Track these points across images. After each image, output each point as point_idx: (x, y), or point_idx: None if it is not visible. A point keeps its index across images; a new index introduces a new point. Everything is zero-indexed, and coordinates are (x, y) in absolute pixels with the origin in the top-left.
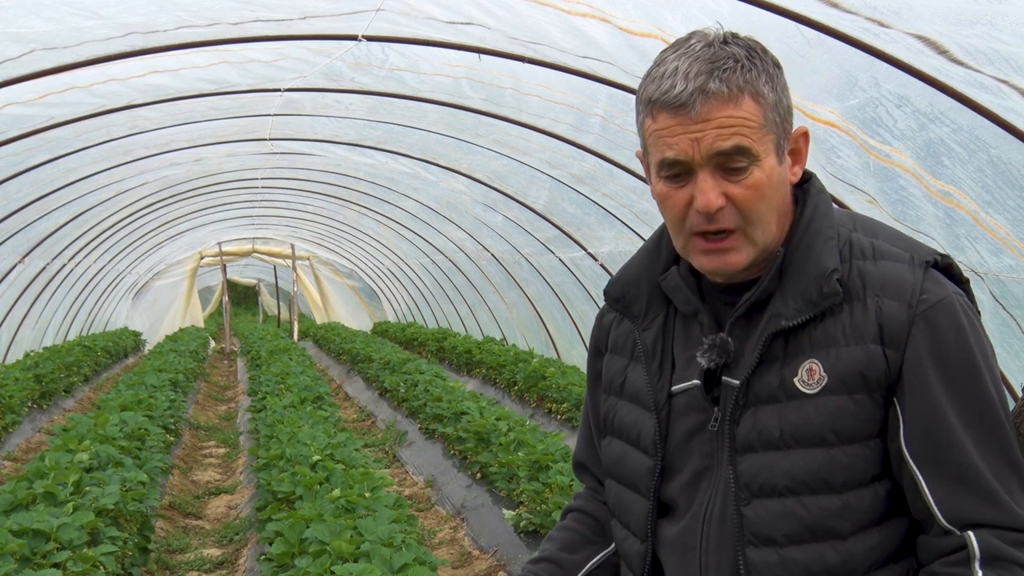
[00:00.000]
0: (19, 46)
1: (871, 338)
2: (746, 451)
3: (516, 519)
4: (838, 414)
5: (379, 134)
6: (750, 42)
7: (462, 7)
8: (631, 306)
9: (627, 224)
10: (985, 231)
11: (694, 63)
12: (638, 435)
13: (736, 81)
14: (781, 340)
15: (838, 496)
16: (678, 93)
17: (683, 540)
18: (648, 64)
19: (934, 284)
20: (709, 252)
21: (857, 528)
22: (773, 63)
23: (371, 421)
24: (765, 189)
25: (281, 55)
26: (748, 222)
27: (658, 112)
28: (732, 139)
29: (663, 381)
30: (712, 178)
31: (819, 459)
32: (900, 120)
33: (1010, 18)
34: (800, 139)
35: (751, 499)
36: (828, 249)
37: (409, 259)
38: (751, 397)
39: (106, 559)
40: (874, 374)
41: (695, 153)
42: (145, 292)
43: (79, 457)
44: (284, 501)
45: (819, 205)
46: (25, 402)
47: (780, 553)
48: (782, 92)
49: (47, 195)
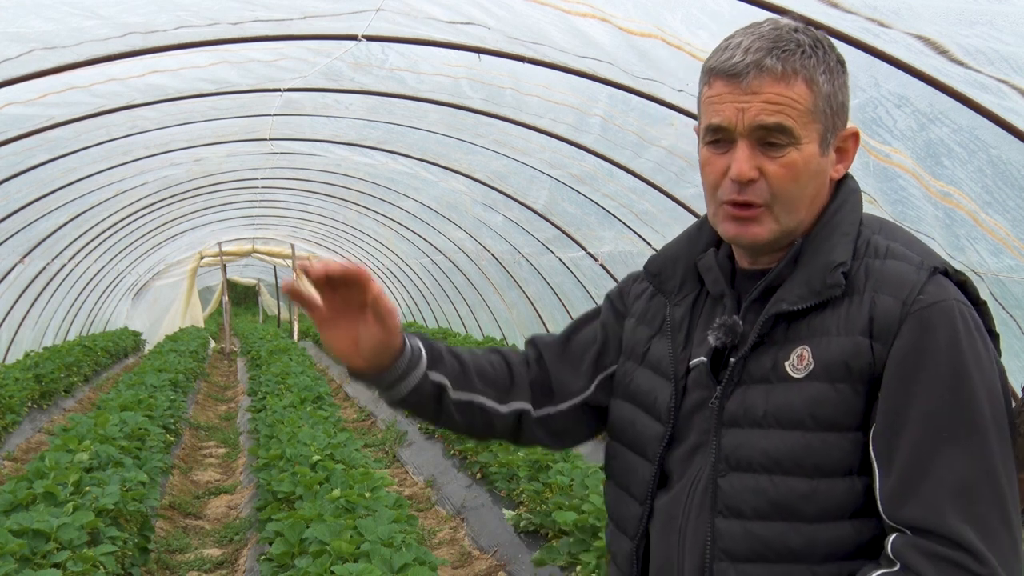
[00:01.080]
0: (19, 46)
1: (860, 330)
2: (732, 425)
3: (516, 519)
4: (818, 400)
5: (379, 134)
6: (819, 35)
7: (462, 7)
8: (666, 282)
9: (627, 224)
10: (985, 231)
11: (757, 40)
12: (653, 401)
13: (793, 63)
14: (783, 325)
15: (808, 480)
16: (735, 63)
17: (669, 509)
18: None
19: (936, 287)
20: (735, 219)
21: (823, 515)
22: (837, 59)
23: (371, 421)
24: (800, 172)
25: (281, 55)
26: (776, 200)
27: (714, 79)
28: (776, 116)
29: (685, 354)
30: (750, 149)
31: (794, 441)
32: (900, 120)
33: (1010, 18)
34: (850, 139)
35: (728, 471)
36: (842, 243)
37: (409, 259)
38: (745, 375)
39: (106, 559)
40: (857, 365)
41: (738, 122)
42: (145, 292)
43: (79, 457)
44: (284, 501)
45: (846, 202)
46: (25, 402)
47: (745, 526)
48: (839, 88)
49: (47, 195)
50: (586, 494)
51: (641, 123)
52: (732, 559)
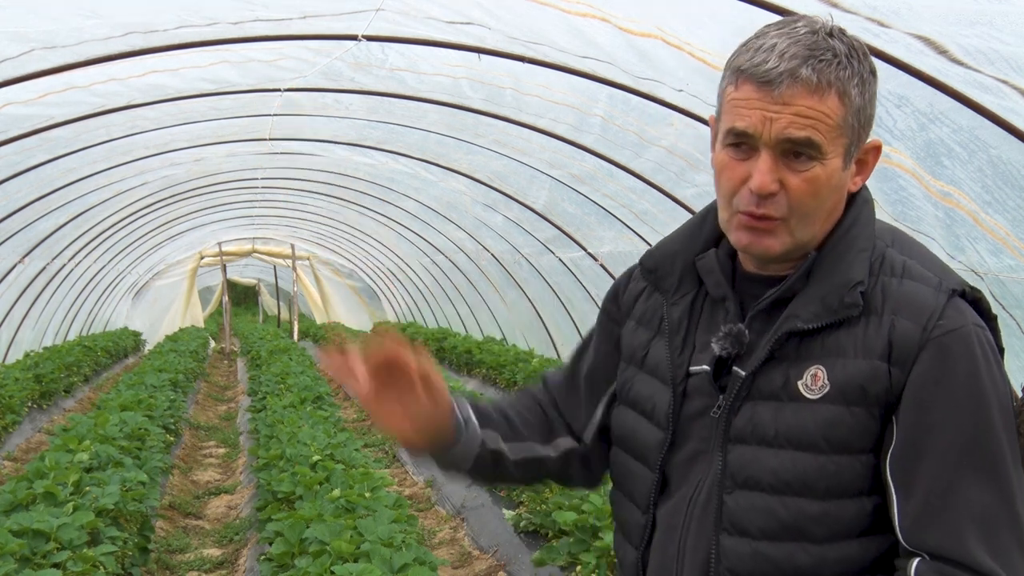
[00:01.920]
0: (18, 45)
1: (879, 354)
2: (738, 442)
3: (516, 519)
4: (833, 424)
5: (379, 134)
6: (855, 42)
7: (462, 7)
8: (663, 280)
9: (627, 224)
10: (985, 231)
11: (793, 45)
12: (652, 407)
13: (828, 75)
14: (795, 341)
15: (819, 502)
16: (768, 69)
17: (669, 519)
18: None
19: (955, 312)
20: (749, 229)
21: (833, 536)
22: (870, 69)
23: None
24: (821, 188)
25: (281, 55)
26: (795, 215)
27: (743, 82)
28: (806, 130)
29: (683, 358)
30: (773, 161)
31: (807, 464)
32: (900, 120)
33: (1010, 18)
34: (871, 152)
35: (735, 489)
36: (859, 260)
37: (409, 259)
38: (754, 391)
39: (106, 559)
40: (874, 389)
41: (765, 131)
42: (145, 292)
43: (79, 457)
44: (284, 501)
45: (861, 215)
46: (25, 402)
47: (752, 546)
48: (869, 100)
49: (47, 195)
50: (586, 494)
51: (641, 123)
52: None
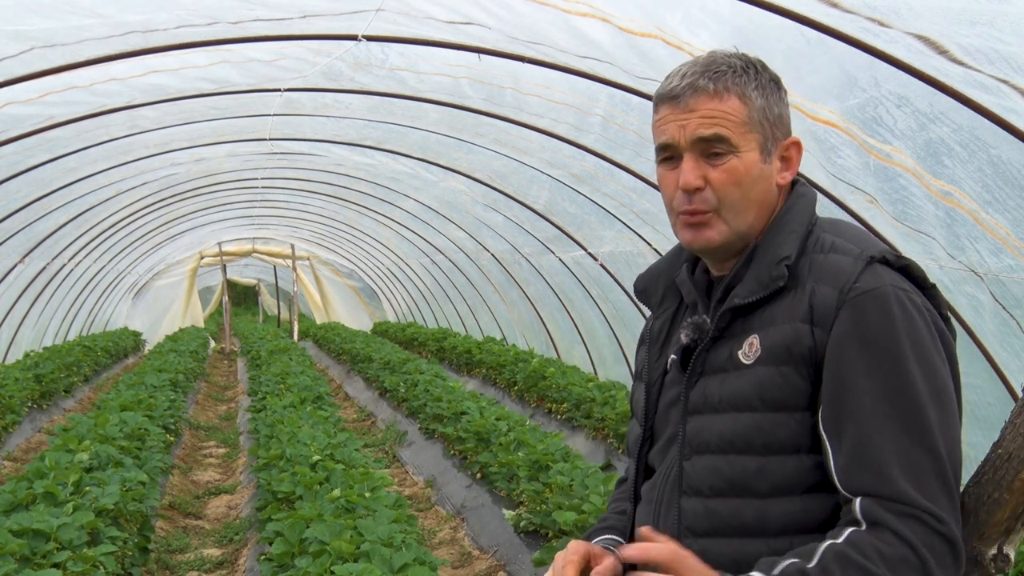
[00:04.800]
0: (18, 44)
1: (801, 317)
2: (695, 413)
3: (516, 519)
4: (766, 384)
5: (379, 134)
6: (751, 58)
7: (462, 7)
8: (651, 297)
9: (627, 224)
10: (985, 231)
11: (693, 66)
12: (639, 409)
13: (725, 82)
14: (740, 319)
15: (759, 458)
16: (673, 87)
17: (647, 494)
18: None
19: (871, 275)
20: (689, 226)
21: (775, 490)
22: (770, 78)
23: (371, 421)
24: (741, 177)
25: (281, 55)
26: (723, 204)
27: (659, 105)
28: (713, 128)
29: (660, 361)
30: (694, 161)
31: (745, 422)
32: (900, 120)
33: (1010, 18)
34: (791, 147)
35: (692, 455)
36: (789, 240)
37: (409, 259)
38: (707, 367)
39: (106, 559)
40: (797, 349)
41: (681, 137)
42: (145, 292)
43: (79, 457)
44: (284, 501)
45: (795, 205)
46: (25, 402)
47: (705, 504)
48: (774, 102)
49: (47, 195)
50: (586, 494)
51: (641, 123)
52: (694, 535)
